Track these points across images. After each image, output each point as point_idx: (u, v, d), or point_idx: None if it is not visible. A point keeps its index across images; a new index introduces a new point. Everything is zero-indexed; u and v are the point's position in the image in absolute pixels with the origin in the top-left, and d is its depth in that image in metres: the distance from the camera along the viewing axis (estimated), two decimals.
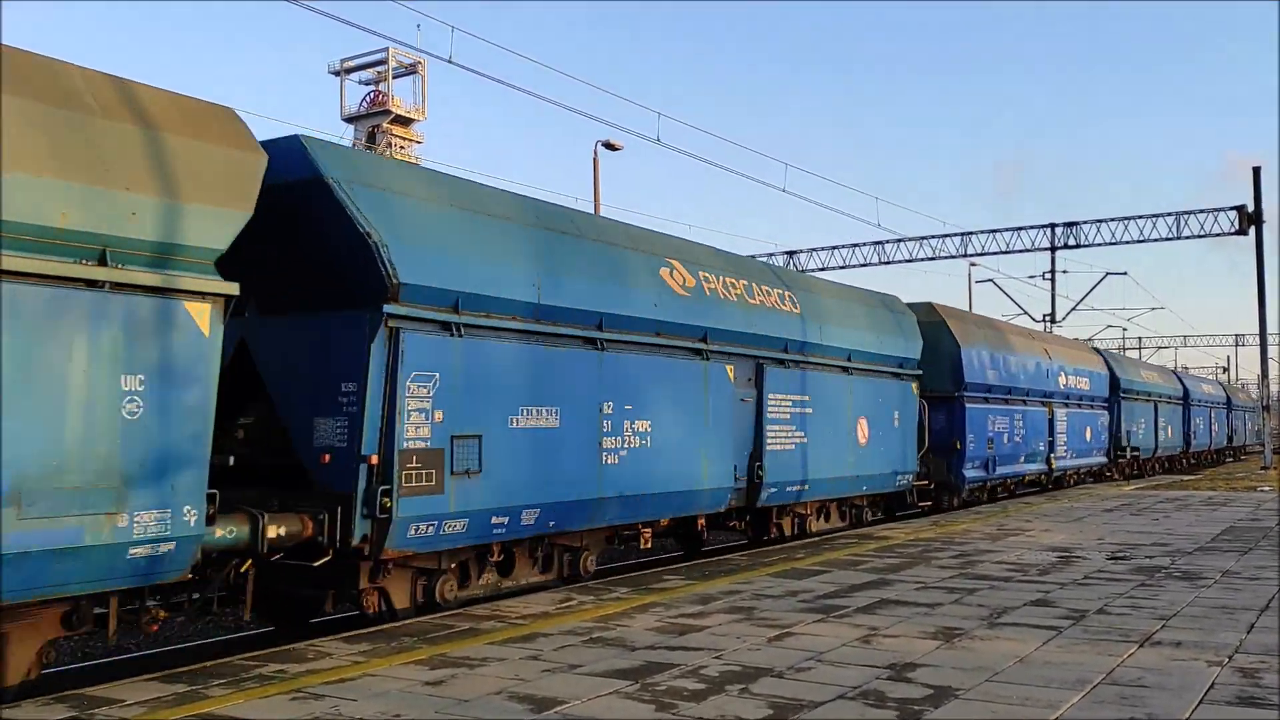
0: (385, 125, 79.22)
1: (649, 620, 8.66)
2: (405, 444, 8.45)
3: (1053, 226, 38.32)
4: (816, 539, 15.04)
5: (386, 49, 77.75)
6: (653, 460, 11.36)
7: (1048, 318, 46.72)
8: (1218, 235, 34.80)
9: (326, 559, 8.32)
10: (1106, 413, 29.54)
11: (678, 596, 9.85)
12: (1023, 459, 22.99)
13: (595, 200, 31.65)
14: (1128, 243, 37.02)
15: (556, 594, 10.06)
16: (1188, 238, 35.60)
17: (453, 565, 9.58)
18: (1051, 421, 24.39)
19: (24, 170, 5.97)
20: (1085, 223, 37.95)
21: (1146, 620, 8.62)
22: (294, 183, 8.31)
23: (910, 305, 19.11)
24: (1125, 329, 70.85)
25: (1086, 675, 6.71)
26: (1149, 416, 34.65)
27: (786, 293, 14.65)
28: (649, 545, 12.35)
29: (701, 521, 13.21)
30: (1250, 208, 33.46)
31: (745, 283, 13.74)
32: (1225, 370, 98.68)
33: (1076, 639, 7.87)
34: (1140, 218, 36.65)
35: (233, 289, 7.09)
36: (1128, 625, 8.40)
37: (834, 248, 41.75)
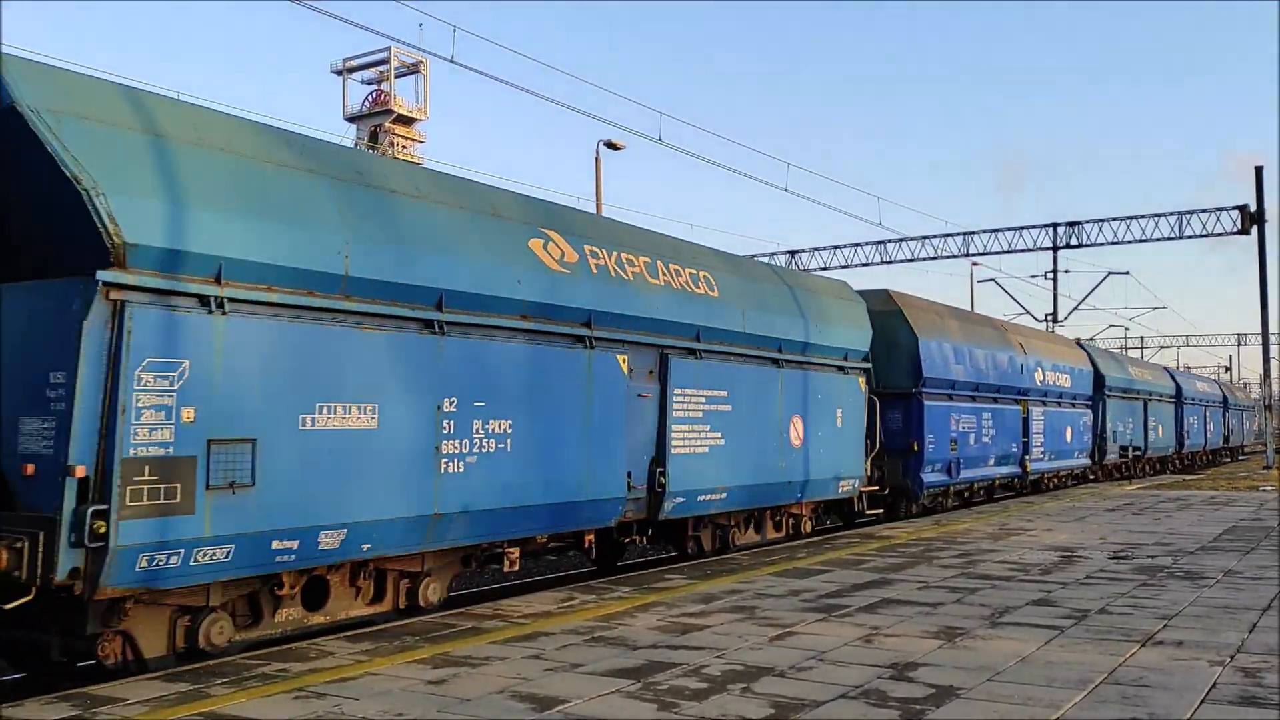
0: (388, 125, 79.25)
1: (651, 619, 8.66)
2: (132, 451, 6.64)
3: (1055, 226, 38.29)
4: (818, 538, 15.02)
5: (389, 48, 77.81)
6: (514, 468, 9.51)
7: (1050, 317, 46.68)
8: (1220, 235, 34.75)
9: (25, 600, 6.47)
10: (1090, 411, 28.39)
11: (680, 596, 9.86)
12: (992, 461, 21.43)
13: (598, 200, 31.66)
14: (1130, 242, 36.99)
15: (559, 593, 10.06)
16: (1190, 237, 35.56)
17: (226, 601, 7.76)
18: (1027, 421, 23.17)
19: None
20: (1087, 222, 37.92)
21: (1148, 620, 8.62)
22: None
23: (865, 292, 17.52)
24: (1127, 329, 70.81)
25: (1088, 675, 6.71)
26: (1137, 415, 33.15)
27: (702, 273, 12.71)
28: (515, 567, 10.36)
29: (590, 538, 11.44)
30: (1252, 207, 33.42)
31: (647, 260, 11.75)
32: (1227, 370, 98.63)
33: (1078, 638, 7.87)
34: (1142, 217, 36.62)
35: None
36: (1130, 625, 8.40)
37: (836, 247, 41.74)
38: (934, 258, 40.17)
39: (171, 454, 6.87)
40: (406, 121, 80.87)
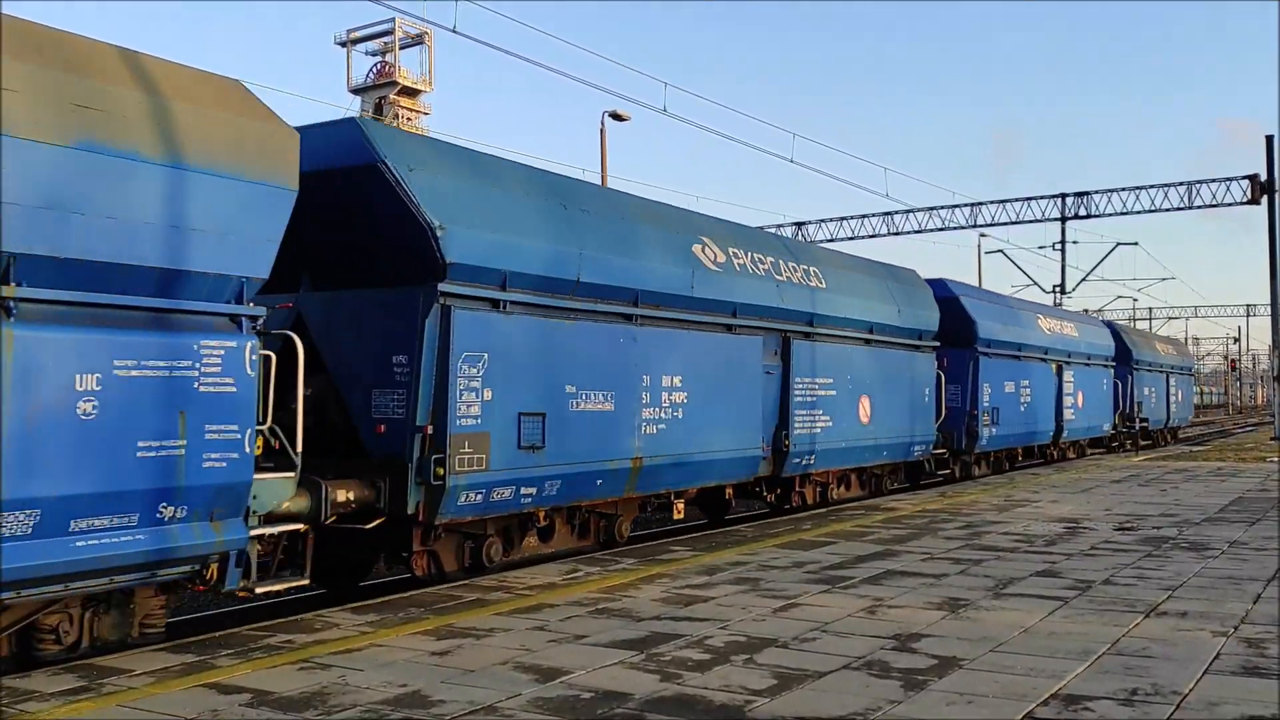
0: (392, 97, 78.86)
1: (655, 591, 8.69)
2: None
3: (1063, 197, 38.08)
4: (824, 510, 15.05)
5: (393, 19, 77.32)
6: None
7: (1058, 288, 46.52)
8: (1230, 205, 34.52)
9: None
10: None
11: (684, 567, 9.88)
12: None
13: (602, 172, 31.52)
14: (1138, 213, 36.81)
15: (564, 565, 10.09)
16: (1199, 207, 35.36)
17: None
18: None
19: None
20: (1096, 192, 37.71)
21: (1153, 591, 8.62)
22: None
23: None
24: (1136, 300, 70.52)
25: (1091, 646, 6.71)
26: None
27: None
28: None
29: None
30: (1263, 177, 33.19)
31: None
32: (1236, 341, 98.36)
33: (1082, 609, 7.87)
34: (1151, 187, 36.41)
35: None
36: (1134, 596, 8.41)
37: (843, 219, 41.58)
38: (941, 229, 40.02)
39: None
40: (411, 93, 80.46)
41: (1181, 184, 35.93)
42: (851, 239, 41.14)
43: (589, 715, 5.34)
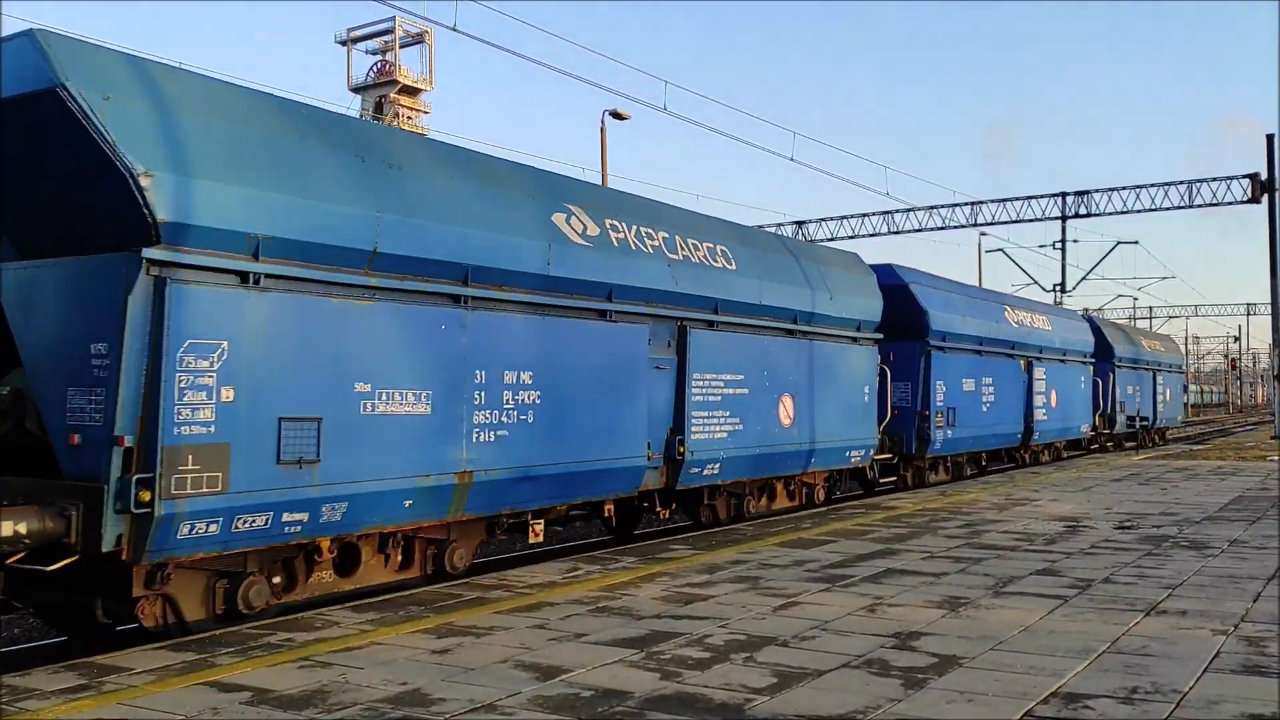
0: (392, 96, 78.91)
1: (655, 590, 8.69)
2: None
3: (1064, 195, 38.05)
4: (823, 509, 15.04)
5: (393, 18, 77.32)
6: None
7: (1058, 287, 46.53)
8: (1231, 204, 34.51)
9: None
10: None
11: (684, 566, 9.88)
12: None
13: (603, 170, 31.51)
14: (1139, 211, 36.77)
15: (564, 563, 10.09)
16: (1200, 206, 35.34)
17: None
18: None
19: None
20: (1096, 191, 37.69)
21: (1153, 589, 8.62)
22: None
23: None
24: (1136, 298, 70.54)
25: (1091, 644, 6.71)
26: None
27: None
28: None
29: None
30: (1263, 175, 33.18)
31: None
32: (1236, 340, 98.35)
33: (1082, 608, 7.87)
34: (1151, 186, 36.38)
35: None
36: (1134, 594, 8.41)
37: (843, 218, 41.54)
38: (942, 227, 40.00)
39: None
40: (411, 92, 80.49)
41: (1182, 183, 35.92)
42: (852, 238, 41.12)
43: (589, 714, 5.34)
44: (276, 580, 8.14)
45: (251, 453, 7.25)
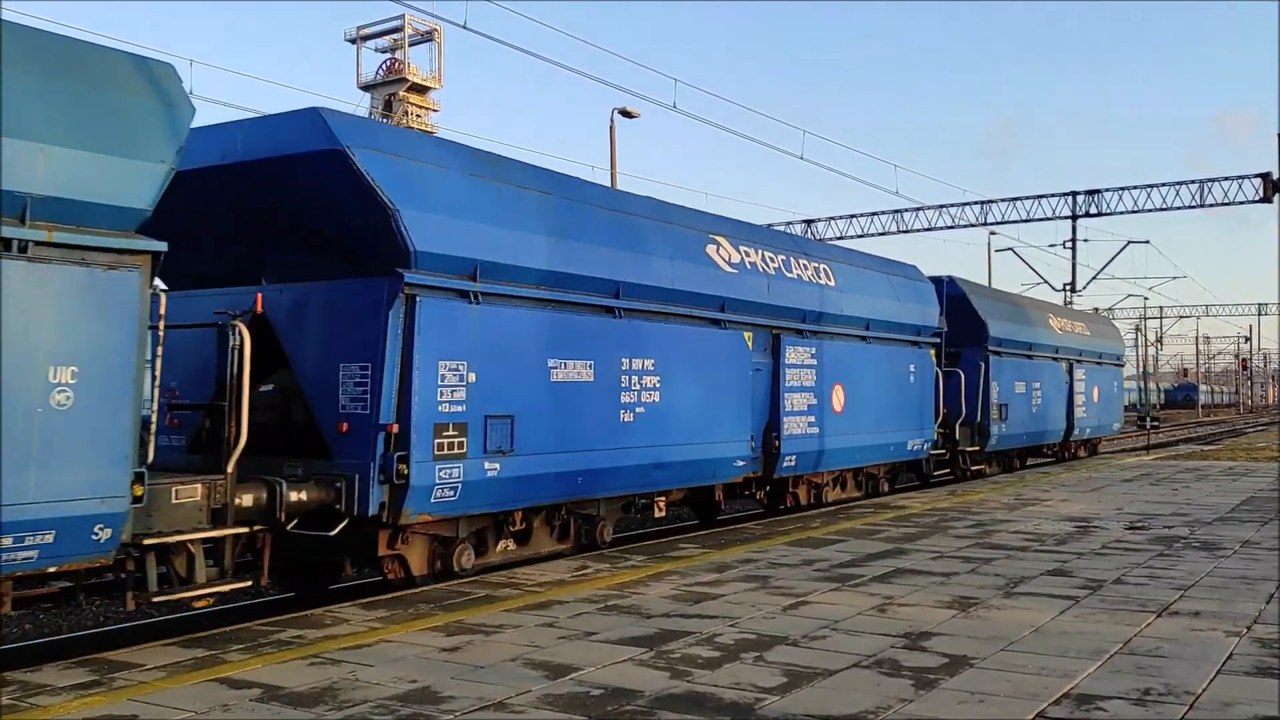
0: (402, 93, 78.89)
1: (664, 588, 8.68)
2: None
3: (1074, 195, 37.89)
4: (833, 508, 15.01)
5: (403, 15, 77.31)
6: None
7: (1068, 286, 46.32)
8: (1243, 203, 34.34)
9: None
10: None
11: (693, 565, 9.87)
12: None
13: (612, 169, 31.48)
14: (1150, 211, 36.59)
15: (573, 562, 10.09)
16: (1211, 205, 35.16)
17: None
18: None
19: None
20: (1106, 190, 37.51)
21: (1164, 590, 8.58)
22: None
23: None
24: (1146, 298, 70.24)
25: (1103, 645, 6.69)
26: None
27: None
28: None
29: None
30: (1275, 175, 33.01)
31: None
32: (1247, 340, 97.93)
33: (1093, 609, 7.84)
34: (1162, 185, 36.19)
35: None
36: (1145, 595, 8.37)
37: (852, 216, 41.42)
38: (951, 226, 39.87)
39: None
40: (421, 90, 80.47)
41: (1193, 182, 35.73)
42: (861, 236, 40.98)
43: (599, 712, 5.33)
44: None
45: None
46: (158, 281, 7.10)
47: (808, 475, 14.75)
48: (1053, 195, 38.37)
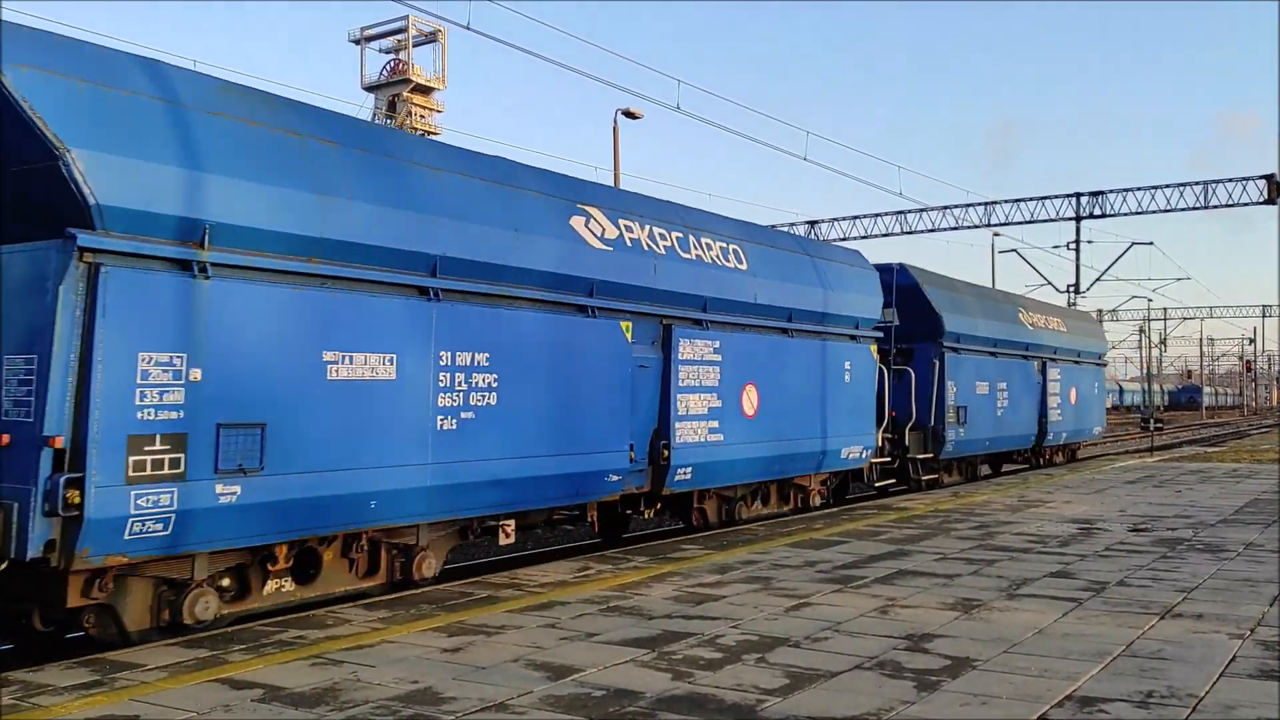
0: (405, 94, 78.96)
1: (666, 589, 8.67)
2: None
3: (1078, 196, 37.88)
4: (836, 509, 15.00)
5: (406, 16, 77.38)
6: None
7: (1072, 288, 46.25)
8: (1246, 205, 34.30)
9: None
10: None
11: (695, 566, 9.86)
12: None
13: (615, 169, 31.49)
14: (1154, 212, 36.58)
15: (575, 563, 10.09)
16: (1215, 207, 35.13)
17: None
18: None
19: None
20: (1111, 192, 37.51)
21: (1168, 592, 8.57)
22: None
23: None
24: (1150, 300, 70.11)
25: (1106, 647, 6.67)
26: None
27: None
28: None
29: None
30: (1278, 177, 32.97)
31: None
32: (1251, 342, 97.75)
33: (1096, 611, 7.82)
34: (1166, 186, 36.18)
35: None
36: (1148, 597, 8.35)
37: (856, 217, 41.43)
38: (955, 228, 39.86)
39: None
40: (424, 91, 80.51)
41: (1197, 183, 35.71)
42: (865, 237, 41.00)
43: (600, 713, 5.33)
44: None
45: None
46: None
47: (715, 489, 12.77)
48: (1057, 196, 38.39)
